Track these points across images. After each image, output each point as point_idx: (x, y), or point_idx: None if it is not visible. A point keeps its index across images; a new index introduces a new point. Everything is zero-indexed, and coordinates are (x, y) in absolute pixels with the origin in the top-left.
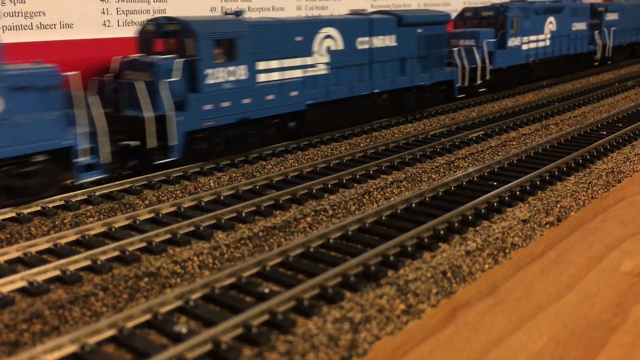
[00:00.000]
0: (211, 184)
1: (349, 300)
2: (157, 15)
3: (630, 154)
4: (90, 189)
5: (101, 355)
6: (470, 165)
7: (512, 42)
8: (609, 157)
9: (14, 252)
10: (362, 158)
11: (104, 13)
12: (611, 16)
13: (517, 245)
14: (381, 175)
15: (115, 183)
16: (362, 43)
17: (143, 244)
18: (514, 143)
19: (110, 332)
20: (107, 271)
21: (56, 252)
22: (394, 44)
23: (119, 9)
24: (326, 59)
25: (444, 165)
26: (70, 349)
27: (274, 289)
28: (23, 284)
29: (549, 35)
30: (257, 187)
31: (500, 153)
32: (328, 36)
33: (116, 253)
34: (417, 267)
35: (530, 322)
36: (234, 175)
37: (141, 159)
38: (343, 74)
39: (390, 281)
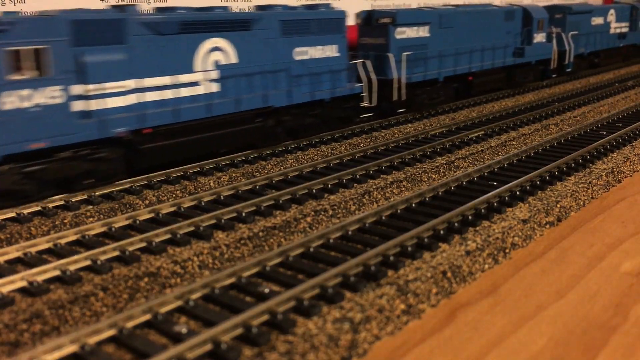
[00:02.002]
0: (211, 184)
1: (349, 300)
2: None
3: (630, 154)
4: (90, 189)
5: (101, 355)
6: (470, 165)
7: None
8: (609, 157)
9: (14, 252)
10: (362, 158)
11: None
12: (410, 32)
13: (517, 245)
14: (381, 175)
15: (116, 183)
16: None
17: (143, 244)
18: (514, 143)
19: (110, 332)
20: (107, 271)
21: (56, 252)
22: None
23: None
24: None
25: (444, 165)
26: (70, 349)
27: (274, 289)
28: (23, 284)
29: (212, 75)
30: (257, 187)
31: (500, 153)
32: None
33: (116, 253)
34: (417, 267)
35: (530, 322)
36: (234, 175)
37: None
38: None
39: (390, 281)
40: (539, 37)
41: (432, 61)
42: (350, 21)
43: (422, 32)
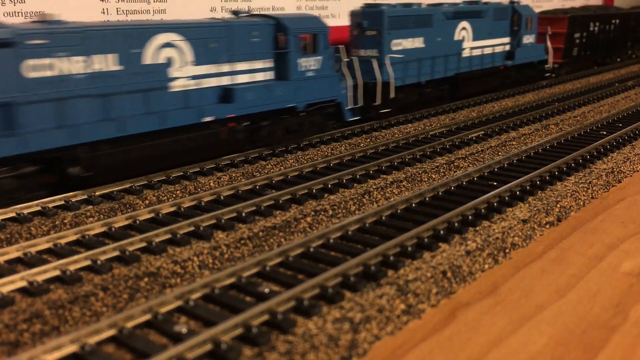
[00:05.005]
0: (211, 184)
1: (349, 300)
2: (156, 15)
3: (630, 154)
4: (90, 189)
5: (101, 355)
6: (470, 165)
7: None
8: (609, 157)
9: (14, 252)
10: (362, 158)
11: (103, 13)
12: None
13: (517, 245)
14: (381, 175)
15: (115, 183)
16: None
17: (143, 244)
18: (514, 143)
19: (110, 332)
20: (107, 271)
21: (56, 252)
22: None
23: (119, 9)
24: None
25: (444, 165)
26: (70, 349)
27: (274, 289)
28: (23, 284)
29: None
30: (257, 187)
31: (500, 153)
32: None
33: (116, 253)
34: (417, 267)
35: (530, 322)
36: (234, 175)
37: None
38: None
39: (390, 281)
40: None
41: None
42: None
43: None
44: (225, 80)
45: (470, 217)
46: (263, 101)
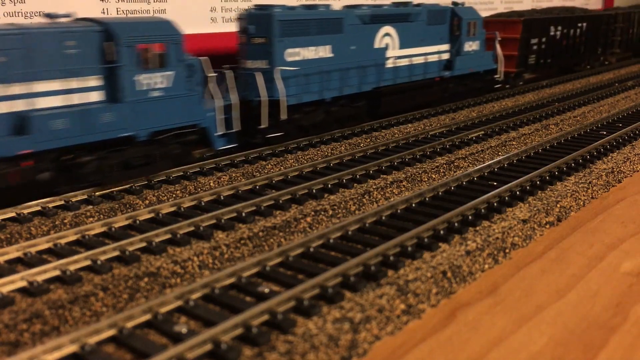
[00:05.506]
0: (211, 184)
1: (349, 300)
2: (157, 15)
3: (630, 154)
4: (90, 189)
5: (101, 355)
6: (470, 165)
7: None
8: (609, 157)
9: (14, 252)
10: (362, 158)
11: (103, 13)
12: None
13: (517, 245)
14: (381, 175)
15: (116, 183)
16: None
17: (143, 244)
18: (514, 143)
19: (110, 332)
20: (107, 271)
21: (56, 252)
22: None
23: (119, 9)
24: None
25: (444, 165)
26: (70, 349)
27: (274, 289)
28: (23, 284)
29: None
30: (257, 187)
31: (500, 153)
32: None
33: (116, 253)
34: (417, 267)
35: (530, 322)
36: (234, 175)
37: None
38: None
39: (390, 281)
40: None
41: None
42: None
43: None
44: (19, 106)
45: (470, 217)
46: (80, 131)
